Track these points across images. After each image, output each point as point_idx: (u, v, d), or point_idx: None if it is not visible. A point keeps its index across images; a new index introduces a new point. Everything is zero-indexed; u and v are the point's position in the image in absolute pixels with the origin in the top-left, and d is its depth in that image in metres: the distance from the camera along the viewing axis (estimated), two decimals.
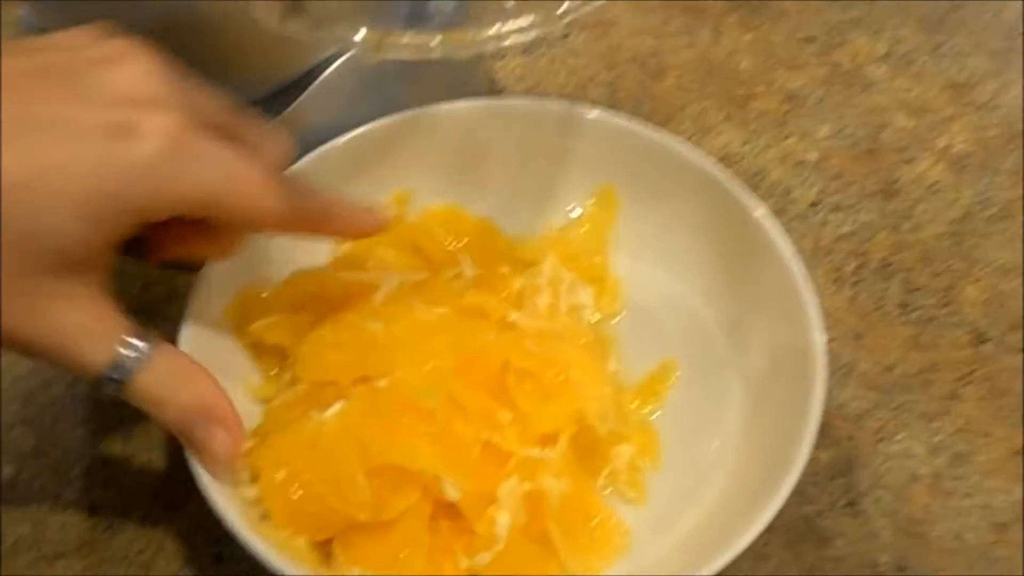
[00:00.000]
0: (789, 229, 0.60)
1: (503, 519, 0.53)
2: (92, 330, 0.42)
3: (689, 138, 0.73)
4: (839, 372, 0.67)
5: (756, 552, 0.60)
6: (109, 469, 0.63)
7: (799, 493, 0.60)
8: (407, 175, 0.68)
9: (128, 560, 0.60)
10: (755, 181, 0.75)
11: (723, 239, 0.64)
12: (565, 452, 0.56)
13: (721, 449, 0.60)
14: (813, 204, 0.75)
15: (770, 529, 0.58)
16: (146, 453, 0.63)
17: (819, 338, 0.57)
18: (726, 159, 0.73)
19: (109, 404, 0.61)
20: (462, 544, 0.53)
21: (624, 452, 0.60)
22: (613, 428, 0.58)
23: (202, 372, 0.48)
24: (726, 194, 0.63)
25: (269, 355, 0.61)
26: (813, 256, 0.72)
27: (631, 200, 0.68)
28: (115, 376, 0.44)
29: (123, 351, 0.44)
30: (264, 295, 0.61)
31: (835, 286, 0.71)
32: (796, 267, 0.59)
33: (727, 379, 0.62)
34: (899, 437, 0.65)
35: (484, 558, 0.52)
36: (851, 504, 0.60)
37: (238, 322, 0.59)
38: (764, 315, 0.61)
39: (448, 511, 0.54)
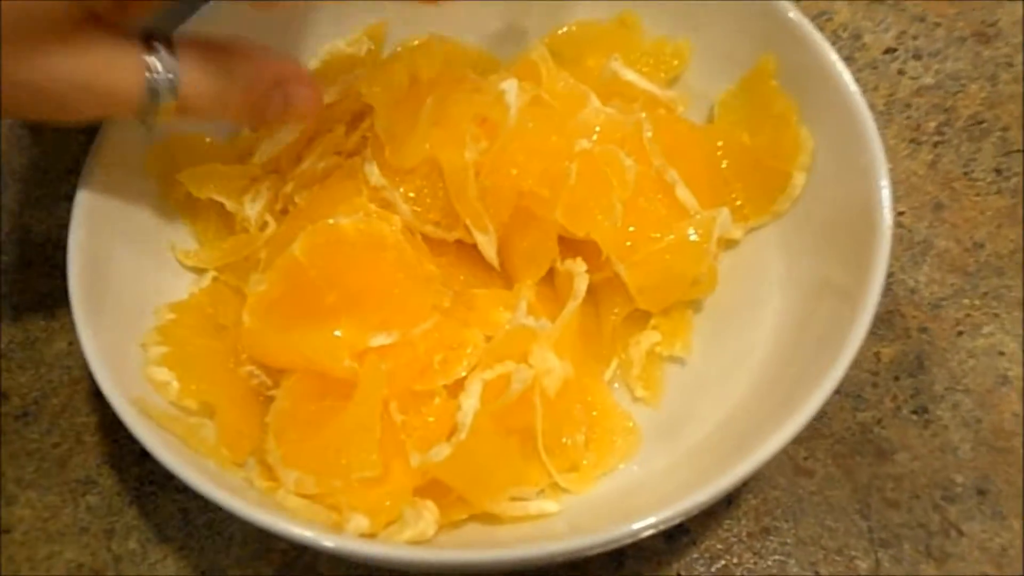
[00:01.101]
0: (858, 80, 0.47)
1: (470, 404, 0.42)
2: (113, 57, 0.40)
3: None
4: (912, 251, 0.54)
5: (796, 465, 0.49)
6: (26, 351, 0.53)
7: (854, 395, 0.49)
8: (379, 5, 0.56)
9: (41, 453, 0.50)
10: (819, 22, 0.62)
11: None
12: (569, 323, 0.46)
13: (757, 338, 0.48)
14: (888, 51, 0.61)
15: (815, 437, 0.46)
16: (69, 334, 0.53)
17: (884, 197, 0.44)
18: None
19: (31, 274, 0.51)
20: (414, 440, 0.42)
21: (645, 340, 0.49)
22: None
23: (244, 45, 0.44)
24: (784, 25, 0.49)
25: (203, 215, 0.50)
26: (886, 112, 0.59)
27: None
28: (159, 89, 0.41)
29: (152, 60, 0.41)
30: (207, 140, 0.51)
31: (911, 147, 0.58)
32: (858, 106, 0.46)
33: (771, 251, 0.50)
34: (986, 330, 0.52)
35: (441, 452, 0.41)
36: (920, 411, 0.51)
37: (163, 172, 0.50)
38: (821, 172, 0.48)
39: (406, 399, 0.44)
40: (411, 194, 0.48)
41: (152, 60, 0.40)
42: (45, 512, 0.49)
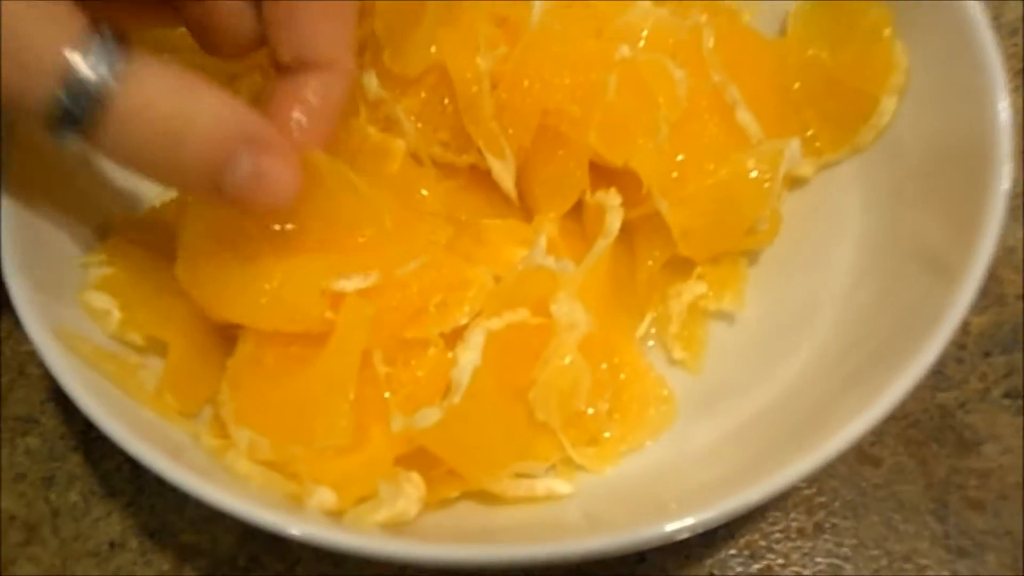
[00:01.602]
0: None
1: (469, 359, 0.34)
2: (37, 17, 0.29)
3: None
4: (1012, 203, 0.45)
5: (860, 450, 0.41)
6: None
7: (934, 371, 0.40)
8: None
9: None
10: None
11: None
12: (597, 266, 0.38)
13: (825, 298, 0.40)
14: None
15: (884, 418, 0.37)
16: None
17: (1002, 128, 0.35)
18: None
19: None
20: (399, 399, 0.35)
21: (688, 290, 0.41)
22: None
23: (213, 85, 0.32)
24: None
25: None
26: None
27: None
28: (81, 91, 0.29)
29: (82, 41, 0.29)
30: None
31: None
32: (971, 14, 0.37)
33: (848, 194, 0.41)
34: None
35: (429, 416, 0.33)
36: (1013, 394, 0.43)
37: None
38: (917, 97, 0.39)
39: (393, 348, 0.36)
40: (415, 110, 0.40)
41: (83, 41, 0.29)
42: None
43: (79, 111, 0.29)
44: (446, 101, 0.41)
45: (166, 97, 0.30)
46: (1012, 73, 0.49)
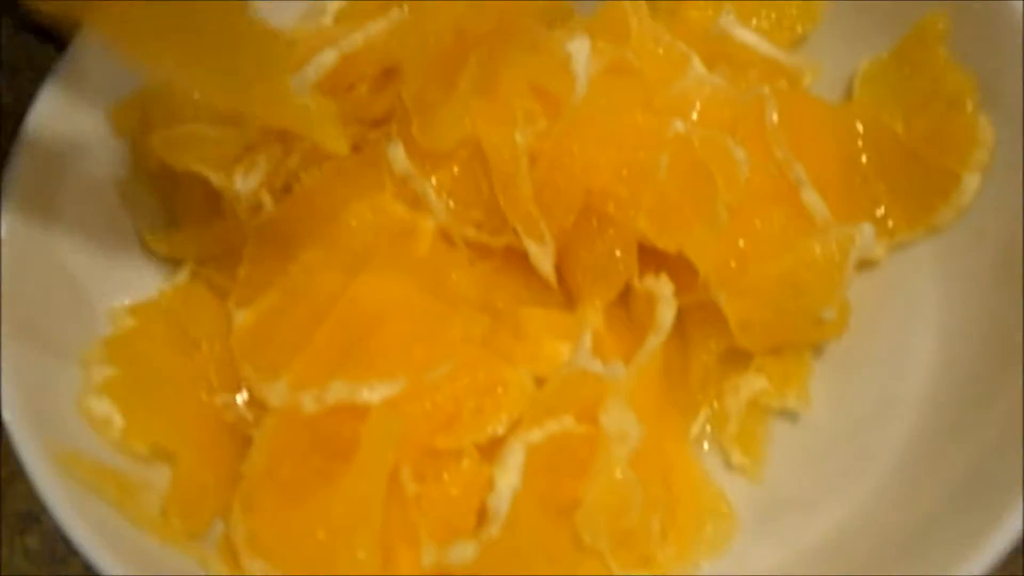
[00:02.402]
0: None
1: (507, 483, 0.31)
2: None
3: None
4: None
5: None
6: None
7: None
8: None
9: None
10: None
11: None
12: (648, 367, 0.34)
13: (904, 395, 0.37)
14: None
15: None
16: None
17: None
18: None
19: None
20: (429, 522, 0.31)
21: (747, 385, 0.37)
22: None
23: None
24: None
25: (182, 191, 0.39)
26: None
27: None
28: None
29: None
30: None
31: None
32: None
33: (925, 278, 0.38)
34: None
35: (464, 551, 0.30)
36: None
37: (133, 133, 0.39)
38: (1002, 175, 0.36)
39: (424, 462, 0.33)
40: (446, 186, 0.36)
41: None
42: None
43: None
44: (480, 178, 0.37)
45: None
46: None
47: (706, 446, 0.38)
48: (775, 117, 0.36)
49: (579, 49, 0.35)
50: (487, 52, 0.37)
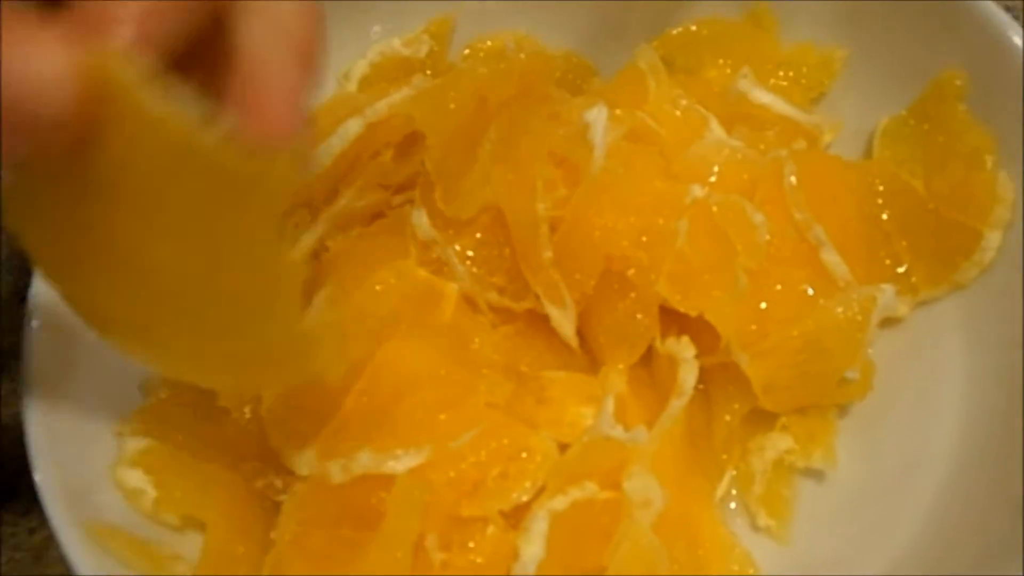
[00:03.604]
0: None
1: (532, 552, 0.31)
2: None
3: None
4: None
5: None
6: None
7: None
8: None
9: (15, 541, 0.42)
10: None
11: None
12: (672, 430, 0.35)
13: (934, 453, 0.36)
14: None
15: None
16: None
17: None
18: None
19: None
20: None
21: (772, 445, 0.37)
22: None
23: None
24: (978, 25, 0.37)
25: None
26: None
27: None
28: None
29: None
30: None
31: None
32: None
33: (950, 335, 0.38)
34: None
35: None
36: None
37: None
38: None
39: (449, 529, 0.33)
40: (469, 252, 0.37)
41: None
42: None
43: None
44: (502, 244, 0.38)
45: None
46: None
47: (733, 507, 0.37)
48: (793, 179, 0.36)
49: (597, 118, 0.35)
50: (507, 121, 0.37)
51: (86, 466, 0.34)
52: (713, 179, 0.37)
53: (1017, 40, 0.36)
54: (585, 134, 0.35)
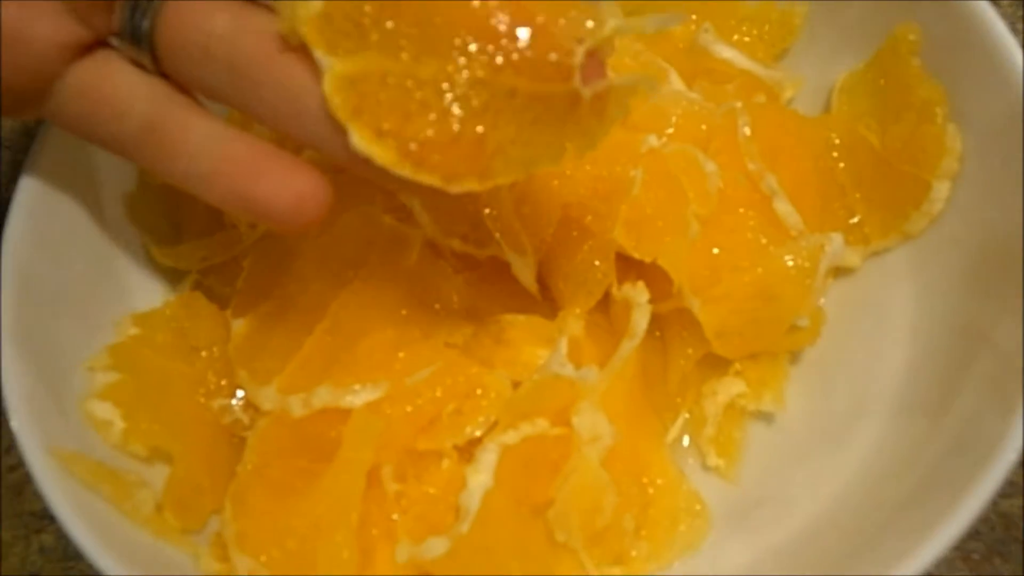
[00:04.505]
0: None
1: (479, 481, 0.32)
2: None
3: None
4: None
5: None
6: None
7: None
8: None
9: None
10: None
11: None
12: (622, 371, 0.36)
13: (876, 398, 0.37)
14: None
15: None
16: None
17: None
18: None
19: None
20: (408, 520, 0.33)
21: (724, 389, 0.38)
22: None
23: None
24: None
25: (186, 203, 0.42)
26: None
27: None
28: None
29: None
30: None
31: None
32: None
33: (899, 285, 0.39)
34: None
35: (435, 547, 0.31)
36: None
37: None
38: (972, 182, 0.37)
39: (405, 462, 0.34)
40: (433, 200, 0.38)
41: None
42: None
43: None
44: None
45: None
46: None
47: (685, 445, 0.39)
48: (747, 130, 0.37)
49: None
50: None
51: (56, 400, 0.35)
52: (671, 130, 0.37)
53: None
54: None
